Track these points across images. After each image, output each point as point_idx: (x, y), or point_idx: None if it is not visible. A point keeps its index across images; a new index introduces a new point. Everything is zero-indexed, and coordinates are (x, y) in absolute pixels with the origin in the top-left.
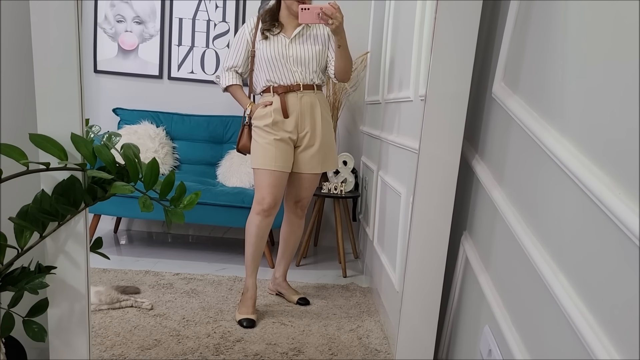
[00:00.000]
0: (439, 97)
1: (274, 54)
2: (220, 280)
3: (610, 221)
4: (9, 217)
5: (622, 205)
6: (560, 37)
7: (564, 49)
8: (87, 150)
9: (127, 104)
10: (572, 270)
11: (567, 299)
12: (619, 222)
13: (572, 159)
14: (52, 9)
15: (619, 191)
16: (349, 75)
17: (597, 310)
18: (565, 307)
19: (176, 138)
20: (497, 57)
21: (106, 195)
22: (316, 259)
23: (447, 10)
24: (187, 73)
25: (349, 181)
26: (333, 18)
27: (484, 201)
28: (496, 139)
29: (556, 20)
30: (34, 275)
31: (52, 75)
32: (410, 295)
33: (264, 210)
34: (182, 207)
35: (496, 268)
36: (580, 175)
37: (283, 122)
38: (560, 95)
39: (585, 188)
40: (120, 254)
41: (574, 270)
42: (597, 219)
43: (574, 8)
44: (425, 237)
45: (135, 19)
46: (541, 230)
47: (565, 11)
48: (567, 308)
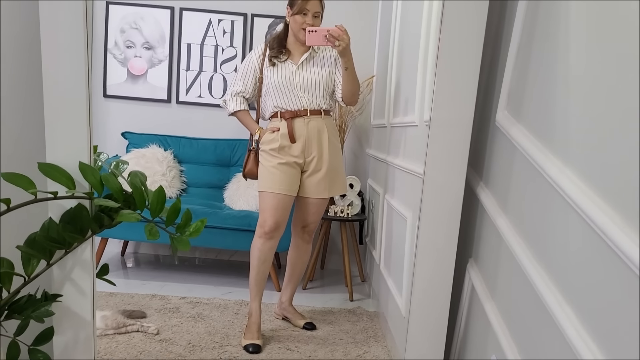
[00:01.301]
0: (443, 123)
1: (282, 80)
2: (227, 304)
3: (613, 253)
4: (17, 246)
5: (625, 237)
6: (563, 67)
7: (567, 79)
8: (95, 179)
9: (136, 127)
10: (576, 301)
11: (572, 330)
12: (623, 255)
13: (575, 190)
14: (62, 41)
15: (623, 224)
16: (356, 99)
17: (602, 342)
18: (571, 338)
19: (184, 161)
20: (501, 85)
21: (113, 223)
22: (323, 282)
23: (450, 38)
24: (195, 97)
25: (355, 204)
26: (340, 40)
27: (489, 229)
28: (500, 167)
29: (558, 51)
30: (40, 304)
31: (61, 105)
32: (417, 321)
33: (265, 233)
34: (187, 234)
35: (502, 297)
36: (583, 206)
37: (290, 147)
38: (563, 126)
39: (588, 219)
40: (127, 277)
41: (578, 301)
42: (600, 250)
43: (576, 38)
44: (431, 262)
45: (145, 44)
46: (546, 260)
47: (567, 42)
48: (572, 339)
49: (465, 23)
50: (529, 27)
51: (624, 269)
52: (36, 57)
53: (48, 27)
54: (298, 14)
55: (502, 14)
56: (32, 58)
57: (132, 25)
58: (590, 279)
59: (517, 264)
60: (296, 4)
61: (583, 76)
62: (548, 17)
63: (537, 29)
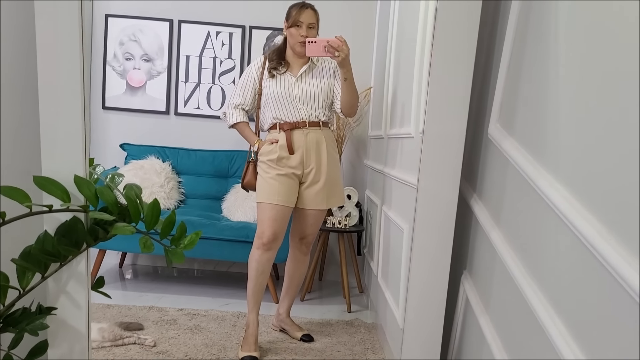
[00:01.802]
0: (436, 135)
1: (281, 92)
2: (224, 315)
3: (602, 267)
4: (12, 259)
5: (613, 251)
6: (553, 82)
7: (557, 94)
8: (90, 192)
9: (135, 139)
10: (568, 316)
11: (564, 345)
12: (611, 268)
13: (565, 204)
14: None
15: (610, 238)
16: (354, 110)
17: (592, 356)
18: (562, 353)
19: (182, 173)
20: (493, 98)
21: (107, 236)
22: (321, 293)
23: (442, 51)
24: (194, 109)
25: (353, 215)
26: (339, 50)
27: (482, 241)
28: (493, 180)
29: (549, 65)
30: (34, 317)
31: (56, 118)
32: (412, 333)
33: (263, 244)
34: (182, 247)
35: (496, 310)
36: (573, 220)
37: (288, 158)
38: (554, 140)
39: (578, 233)
40: (125, 288)
41: (570, 315)
42: (589, 264)
43: (565, 53)
44: (426, 274)
45: (144, 56)
46: (538, 274)
47: (556, 56)
48: (564, 354)
49: (457, 37)
50: (520, 42)
51: (613, 282)
52: (32, 69)
53: (44, 40)
54: (293, 27)
55: (494, 29)
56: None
57: (131, 37)
58: (581, 292)
59: (511, 277)
60: (291, 17)
61: (573, 91)
62: (538, 33)
63: (528, 44)
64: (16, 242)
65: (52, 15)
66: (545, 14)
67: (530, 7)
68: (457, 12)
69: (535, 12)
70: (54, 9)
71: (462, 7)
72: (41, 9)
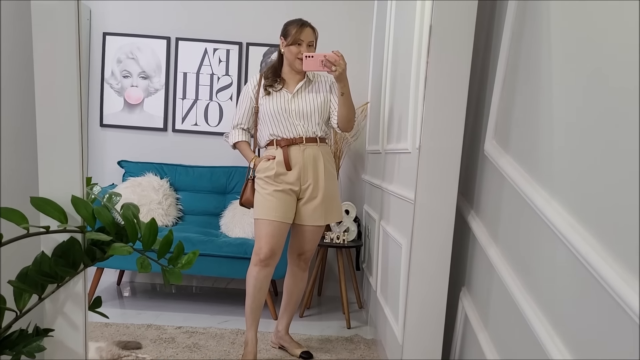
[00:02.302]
0: (433, 151)
1: (277, 109)
2: (223, 333)
3: (598, 284)
4: (8, 281)
5: (609, 268)
6: (546, 100)
7: (551, 111)
8: (87, 212)
9: (132, 156)
10: (566, 333)
11: None
12: (607, 285)
13: (561, 221)
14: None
15: (606, 254)
16: (351, 124)
17: None
18: None
19: (180, 189)
20: (488, 114)
21: (105, 256)
22: (320, 309)
23: (438, 66)
24: (191, 125)
25: (351, 230)
26: (337, 65)
27: (480, 258)
28: (490, 196)
29: (541, 82)
30: (31, 339)
31: (54, 139)
32: (411, 349)
33: (260, 261)
34: (180, 266)
35: (495, 327)
36: (569, 237)
37: (285, 174)
38: (548, 157)
39: (574, 249)
40: (123, 307)
41: (568, 333)
42: (585, 281)
43: (558, 70)
44: (424, 290)
45: (141, 74)
46: (536, 291)
47: (549, 74)
48: None
49: (452, 53)
50: (514, 59)
51: (611, 301)
52: (30, 90)
53: (42, 61)
54: (292, 45)
55: (489, 45)
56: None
57: (129, 55)
58: (579, 310)
59: (509, 294)
60: (290, 35)
61: (567, 107)
62: (532, 50)
63: (522, 60)
64: (13, 263)
65: (50, 37)
66: (538, 32)
67: (524, 24)
68: (452, 29)
69: (529, 29)
70: (52, 31)
71: (457, 24)
72: (38, 29)
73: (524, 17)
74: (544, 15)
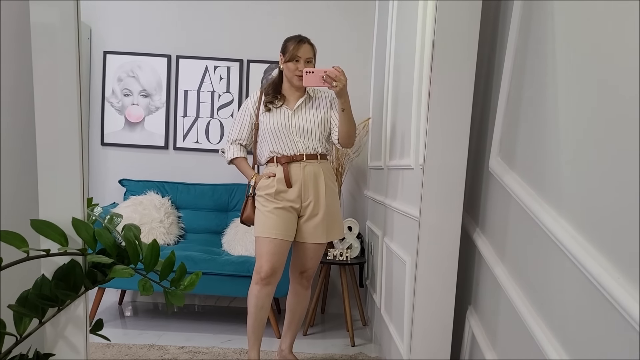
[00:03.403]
0: (437, 168)
1: (277, 125)
2: (226, 353)
3: (609, 304)
4: (8, 305)
5: (619, 287)
6: (552, 115)
7: (557, 127)
8: (88, 235)
9: (134, 174)
10: (576, 355)
11: None
12: (618, 305)
13: (570, 239)
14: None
15: (617, 275)
16: (352, 140)
17: None
18: None
19: (181, 207)
20: (493, 130)
21: (106, 278)
22: (324, 327)
23: (441, 82)
24: (192, 143)
25: (354, 247)
26: (337, 81)
27: (487, 276)
28: (496, 214)
29: (547, 98)
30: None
31: (54, 161)
32: None
33: (262, 279)
34: (182, 288)
35: (503, 347)
36: (578, 255)
37: (286, 192)
38: (556, 174)
39: (583, 269)
40: (124, 326)
41: (578, 354)
42: (595, 300)
43: (564, 85)
44: (430, 309)
45: (142, 92)
46: (544, 311)
47: (555, 88)
48: None
49: (456, 68)
50: (519, 73)
51: (621, 320)
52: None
53: (41, 81)
54: (290, 61)
55: (492, 60)
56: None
57: (130, 73)
58: (589, 330)
59: (517, 313)
60: (288, 51)
61: (573, 123)
62: (536, 63)
63: (527, 75)
64: (13, 287)
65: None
66: (543, 44)
67: (528, 36)
68: (455, 44)
69: (533, 42)
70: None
71: (460, 39)
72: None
73: (528, 30)
74: (549, 28)
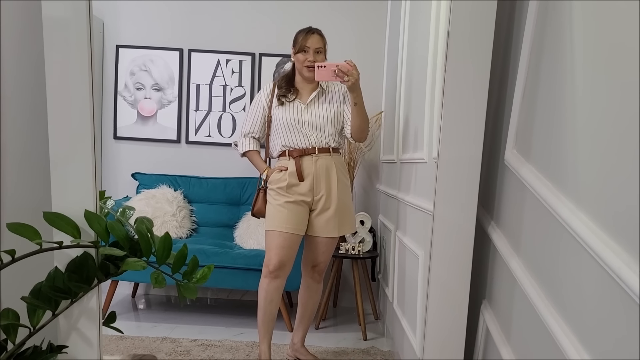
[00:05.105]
0: (451, 162)
1: (290, 119)
2: (238, 346)
3: (629, 297)
4: (22, 297)
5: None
6: (570, 106)
7: (575, 118)
8: (100, 227)
9: (146, 168)
10: (594, 349)
11: None
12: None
13: (588, 233)
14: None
15: (637, 268)
16: (365, 135)
17: None
18: None
19: (194, 201)
20: (509, 123)
21: (118, 271)
22: (336, 321)
23: (455, 74)
24: (205, 137)
25: (366, 241)
26: (349, 75)
27: (501, 270)
28: (511, 207)
29: (565, 89)
30: (45, 355)
31: (66, 154)
32: None
33: (270, 272)
34: (194, 281)
35: (518, 341)
36: (596, 248)
37: (298, 185)
38: (573, 166)
39: (601, 261)
40: (138, 319)
41: (596, 348)
42: (615, 294)
43: (583, 76)
44: (444, 303)
45: (154, 86)
46: (561, 305)
47: (573, 80)
48: None
49: (471, 60)
50: (535, 63)
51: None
52: (42, 104)
53: (53, 75)
54: (300, 52)
55: (508, 51)
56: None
57: (142, 67)
58: (608, 325)
59: (533, 308)
60: (297, 42)
61: (592, 113)
62: (554, 54)
63: (543, 65)
64: (26, 279)
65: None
66: (561, 35)
67: (545, 28)
68: (470, 35)
69: (551, 33)
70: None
71: (475, 30)
72: (50, 41)
73: (545, 19)
74: (566, 17)
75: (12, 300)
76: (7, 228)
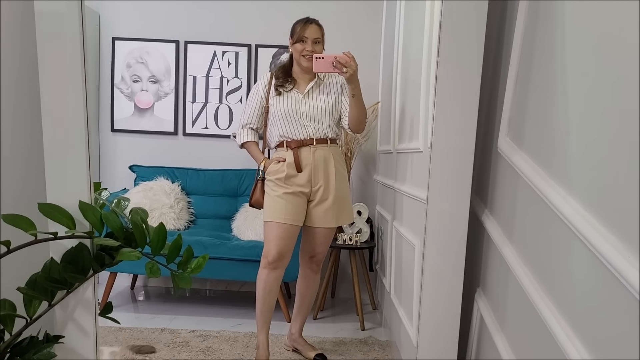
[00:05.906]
0: (444, 150)
1: (287, 109)
2: (237, 336)
3: (619, 283)
4: (18, 287)
5: (631, 267)
6: (562, 94)
7: (566, 106)
8: (95, 218)
9: (143, 160)
10: (586, 335)
11: None
12: (628, 285)
13: (579, 219)
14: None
15: (628, 254)
16: (363, 126)
17: None
18: None
19: (191, 193)
20: (502, 111)
21: (113, 261)
22: (334, 311)
23: (448, 64)
24: (202, 129)
25: (364, 231)
26: (347, 66)
27: (495, 258)
28: (505, 195)
29: (556, 77)
30: (42, 345)
31: (60, 145)
32: (426, 351)
33: (269, 263)
34: (189, 271)
35: (511, 329)
36: (587, 235)
37: (296, 176)
38: (564, 153)
39: (593, 248)
40: (137, 311)
41: (588, 334)
42: (606, 280)
43: (573, 65)
44: (438, 291)
45: (151, 78)
46: (554, 292)
47: (564, 68)
48: None
49: (463, 49)
50: (527, 53)
51: (631, 299)
52: (35, 96)
53: (46, 67)
54: (298, 42)
55: (501, 40)
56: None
57: (138, 59)
58: (599, 311)
59: (526, 295)
60: (295, 32)
61: (583, 101)
62: (546, 44)
63: (535, 54)
64: (22, 270)
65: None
66: (552, 25)
67: (537, 18)
68: (463, 24)
69: (543, 23)
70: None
71: (468, 19)
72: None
73: (537, 9)
74: (559, 7)
75: (9, 291)
76: (2, 219)
